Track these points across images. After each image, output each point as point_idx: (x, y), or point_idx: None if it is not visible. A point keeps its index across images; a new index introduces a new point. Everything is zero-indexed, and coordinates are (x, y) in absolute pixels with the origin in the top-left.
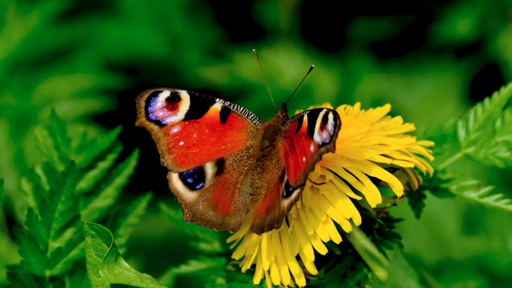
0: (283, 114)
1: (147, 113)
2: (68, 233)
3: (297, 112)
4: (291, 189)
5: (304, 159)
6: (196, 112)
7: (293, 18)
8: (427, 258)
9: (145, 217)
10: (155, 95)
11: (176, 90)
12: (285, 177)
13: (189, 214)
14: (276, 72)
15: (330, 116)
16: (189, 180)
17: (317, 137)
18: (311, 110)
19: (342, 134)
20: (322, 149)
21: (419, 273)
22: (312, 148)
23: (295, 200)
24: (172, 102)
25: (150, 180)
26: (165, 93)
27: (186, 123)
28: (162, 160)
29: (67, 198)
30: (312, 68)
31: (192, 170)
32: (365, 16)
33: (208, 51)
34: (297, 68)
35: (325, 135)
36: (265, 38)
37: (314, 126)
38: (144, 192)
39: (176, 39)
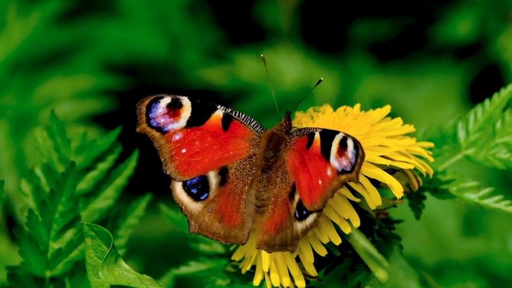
0: (287, 122)
1: (148, 120)
2: (68, 234)
3: (297, 114)
4: (304, 212)
5: (320, 182)
6: (198, 119)
7: (293, 20)
8: (427, 259)
9: (145, 218)
10: (156, 101)
11: (177, 97)
12: (296, 196)
13: (194, 226)
14: (276, 73)
15: (350, 142)
16: (193, 191)
17: (335, 162)
18: (324, 130)
19: None
20: (343, 177)
21: (419, 274)
22: (329, 173)
23: (311, 226)
24: (174, 108)
25: (150, 181)
26: (166, 100)
27: (188, 130)
28: (164, 168)
29: (67, 199)
30: (320, 80)
31: (196, 180)
32: (365, 17)
33: (208, 52)
34: (297, 70)
35: (345, 162)
36: (266, 39)
37: (330, 149)
38: (144, 193)
39: (176, 40)
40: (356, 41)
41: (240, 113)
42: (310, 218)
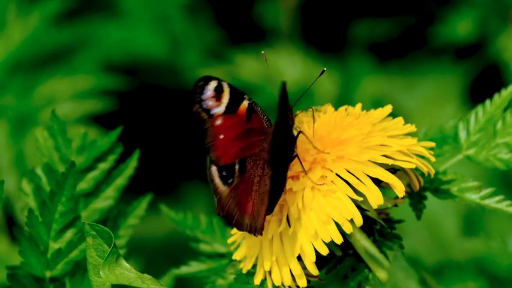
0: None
1: (200, 101)
2: (68, 234)
3: (298, 113)
4: None
5: None
6: (232, 106)
7: (293, 20)
8: (428, 259)
9: (146, 218)
10: (207, 82)
11: (221, 81)
12: None
13: (221, 208)
14: (276, 73)
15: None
16: (224, 173)
17: None
18: None
19: (343, 134)
20: None
21: (419, 274)
22: None
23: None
24: (218, 93)
25: (151, 181)
26: (214, 83)
27: (225, 116)
28: (207, 152)
29: (67, 199)
30: (324, 71)
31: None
32: (365, 17)
33: (208, 52)
34: (298, 69)
35: None
36: (266, 39)
37: None
38: (145, 193)
39: (176, 40)
40: (356, 41)
41: (257, 105)
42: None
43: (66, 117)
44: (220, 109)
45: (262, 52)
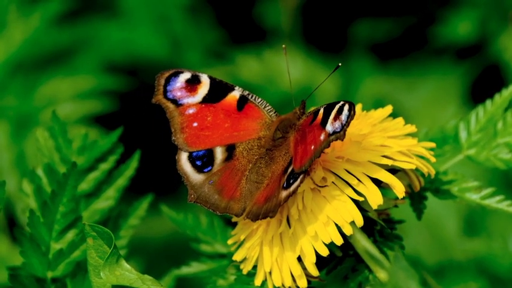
0: (301, 110)
1: (165, 91)
2: (70, 235)
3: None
4: (291, 181)
5: (312, 147)
6: (214, 96)
7: (294, 20)
8: (428, 259)
9: (147, 218)
10: (176, 75)
11: (197, 73)
12: (288, 169)
13: (193, 195)
14: (277, 73)
15: (346, 107)
16: (198, 163)
17: (329, 127)
18: (328, 104)
19: None
20: (332, 137)
21: (420, 274)
22: (322, 137)
23: (293, 192)
24: (192, 84)
25: (151, 181)
26: (186, 75)
27: (203, 105)
28: (173, 138)
29: (68, 199)
30: (338, 65)
31: (201, 153)
32: (366, 17)
33: (209, 52)
34: (298, 70)
35: (337, 124)
36: (267, 40)
37: (328, 118)
38: (145, 193)
39: (177, 41)
40: (357, 41)
41: (256, 97)
42: (294, 186)
43: (66, 118)
44: (194, 99)
45: (283, 46)
